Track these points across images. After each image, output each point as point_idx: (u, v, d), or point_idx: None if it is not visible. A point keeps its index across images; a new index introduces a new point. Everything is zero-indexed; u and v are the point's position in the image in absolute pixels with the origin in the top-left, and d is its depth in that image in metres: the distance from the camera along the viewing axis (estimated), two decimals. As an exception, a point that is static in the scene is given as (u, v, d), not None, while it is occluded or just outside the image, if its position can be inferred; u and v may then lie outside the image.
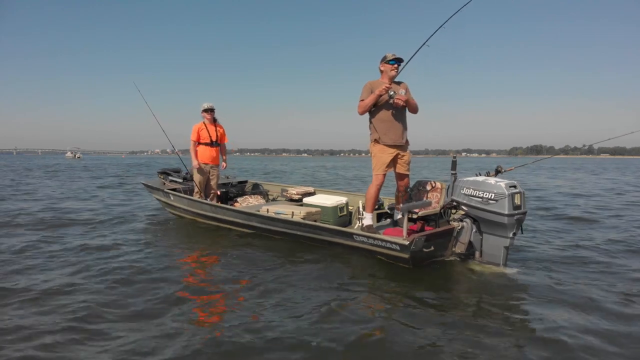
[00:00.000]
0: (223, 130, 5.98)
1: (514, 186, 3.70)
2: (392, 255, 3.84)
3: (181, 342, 2.40)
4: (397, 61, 4.15)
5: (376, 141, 4.21)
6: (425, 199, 4.39)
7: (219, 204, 5.59)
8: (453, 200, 4.06)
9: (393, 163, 4.24)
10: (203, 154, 5.75)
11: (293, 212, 4.69)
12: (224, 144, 6.08)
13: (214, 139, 5.79)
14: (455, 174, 4.17)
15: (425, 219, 4.24)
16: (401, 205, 4.24)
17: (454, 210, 4.25)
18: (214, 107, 5.80)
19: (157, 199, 6.76)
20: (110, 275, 3.59)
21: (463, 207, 3.96)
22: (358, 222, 4.99)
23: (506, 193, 3.59)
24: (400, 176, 4.36)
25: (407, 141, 4.32)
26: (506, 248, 3.74)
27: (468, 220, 3.95)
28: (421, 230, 4.07)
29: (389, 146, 4.17)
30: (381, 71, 4.25)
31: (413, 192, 4.59)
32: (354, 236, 4.10)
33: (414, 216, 4.14)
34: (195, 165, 5.70)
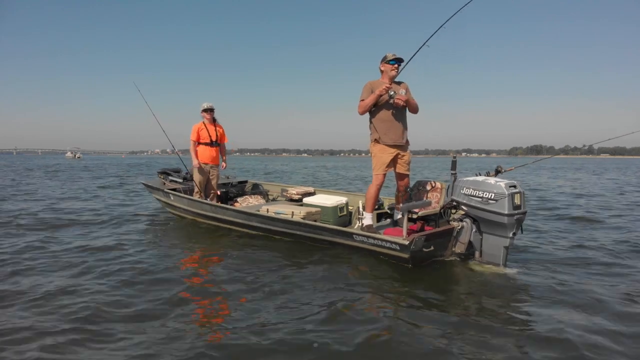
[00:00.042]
0: (223, 130, 5.99)
1: (514, 186, 3.70)
2: (392, 255, 3.84)
3: (185, 344, 2.38)
4: (398, 61, 4.16)
5: (376, 141, 4.22)
6: (425, 199, 4.39)
7: (219, 204, 5.59)
8: (453, 200, 4.07)
9: (393, 163, 4.25)
10: (203, 153, 5.76)
11: (293, 212, 4.69)
12: (224, 144, 6.09)
13: (214, 139, 5.80)
14: (455, 174, 4.17)
15: (425, 219, 4.25)
16: (401, 205, 4.25)
17: (453, 210, 4.25)
18: (213, 107, 5.81)
19: (157, 199, 6.77)
20: (112, 276, 3.58)
21: (463, 207, 3.96)
22: (358, 222, 5.00)
23: (506, 193, 3.60)
24: (400, 176, 4.37)
25: (407, 141, 4.33)
26: (506, 248, 3.75)
27: (468, 220, 3.95)
28: (421, 230, 4.07)
29: (389, 146, 4.18)
30: (381, 71, 4.26)
31: (413, 192, 4.60)
32: (354, 236, 4.11)
33: (414, 216, 4.15)
34: (195, 165, 5.71)
